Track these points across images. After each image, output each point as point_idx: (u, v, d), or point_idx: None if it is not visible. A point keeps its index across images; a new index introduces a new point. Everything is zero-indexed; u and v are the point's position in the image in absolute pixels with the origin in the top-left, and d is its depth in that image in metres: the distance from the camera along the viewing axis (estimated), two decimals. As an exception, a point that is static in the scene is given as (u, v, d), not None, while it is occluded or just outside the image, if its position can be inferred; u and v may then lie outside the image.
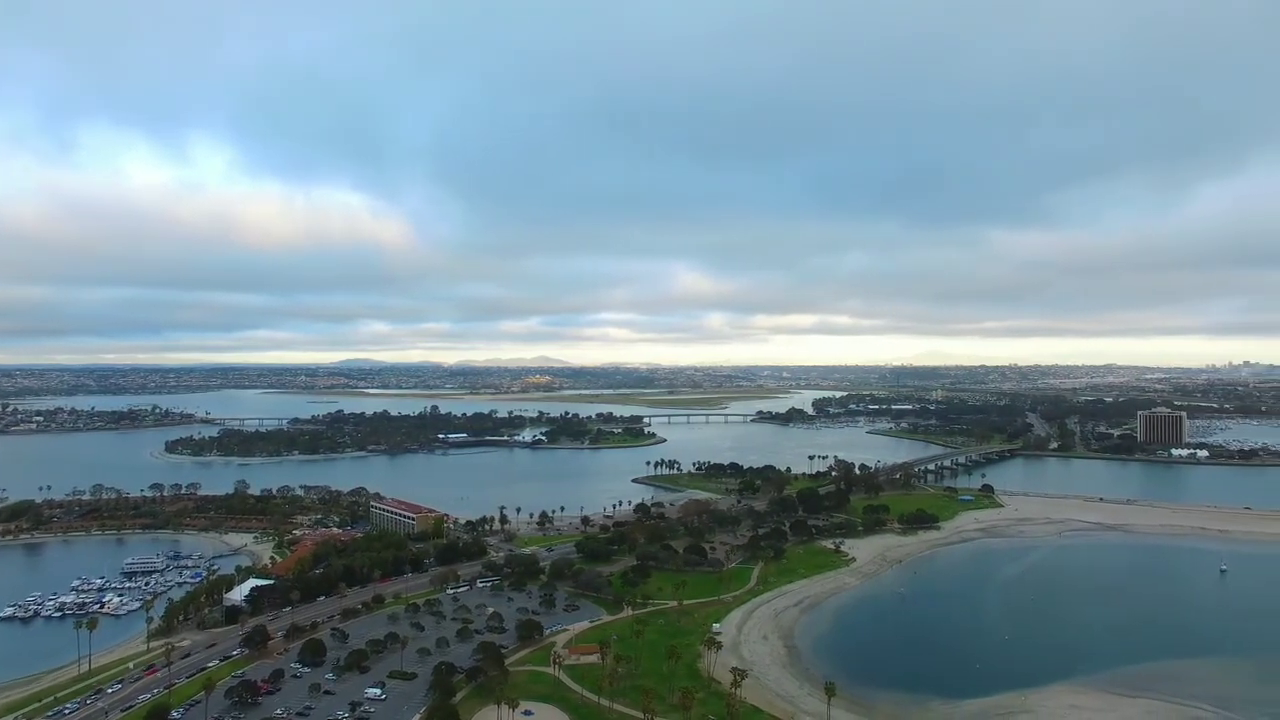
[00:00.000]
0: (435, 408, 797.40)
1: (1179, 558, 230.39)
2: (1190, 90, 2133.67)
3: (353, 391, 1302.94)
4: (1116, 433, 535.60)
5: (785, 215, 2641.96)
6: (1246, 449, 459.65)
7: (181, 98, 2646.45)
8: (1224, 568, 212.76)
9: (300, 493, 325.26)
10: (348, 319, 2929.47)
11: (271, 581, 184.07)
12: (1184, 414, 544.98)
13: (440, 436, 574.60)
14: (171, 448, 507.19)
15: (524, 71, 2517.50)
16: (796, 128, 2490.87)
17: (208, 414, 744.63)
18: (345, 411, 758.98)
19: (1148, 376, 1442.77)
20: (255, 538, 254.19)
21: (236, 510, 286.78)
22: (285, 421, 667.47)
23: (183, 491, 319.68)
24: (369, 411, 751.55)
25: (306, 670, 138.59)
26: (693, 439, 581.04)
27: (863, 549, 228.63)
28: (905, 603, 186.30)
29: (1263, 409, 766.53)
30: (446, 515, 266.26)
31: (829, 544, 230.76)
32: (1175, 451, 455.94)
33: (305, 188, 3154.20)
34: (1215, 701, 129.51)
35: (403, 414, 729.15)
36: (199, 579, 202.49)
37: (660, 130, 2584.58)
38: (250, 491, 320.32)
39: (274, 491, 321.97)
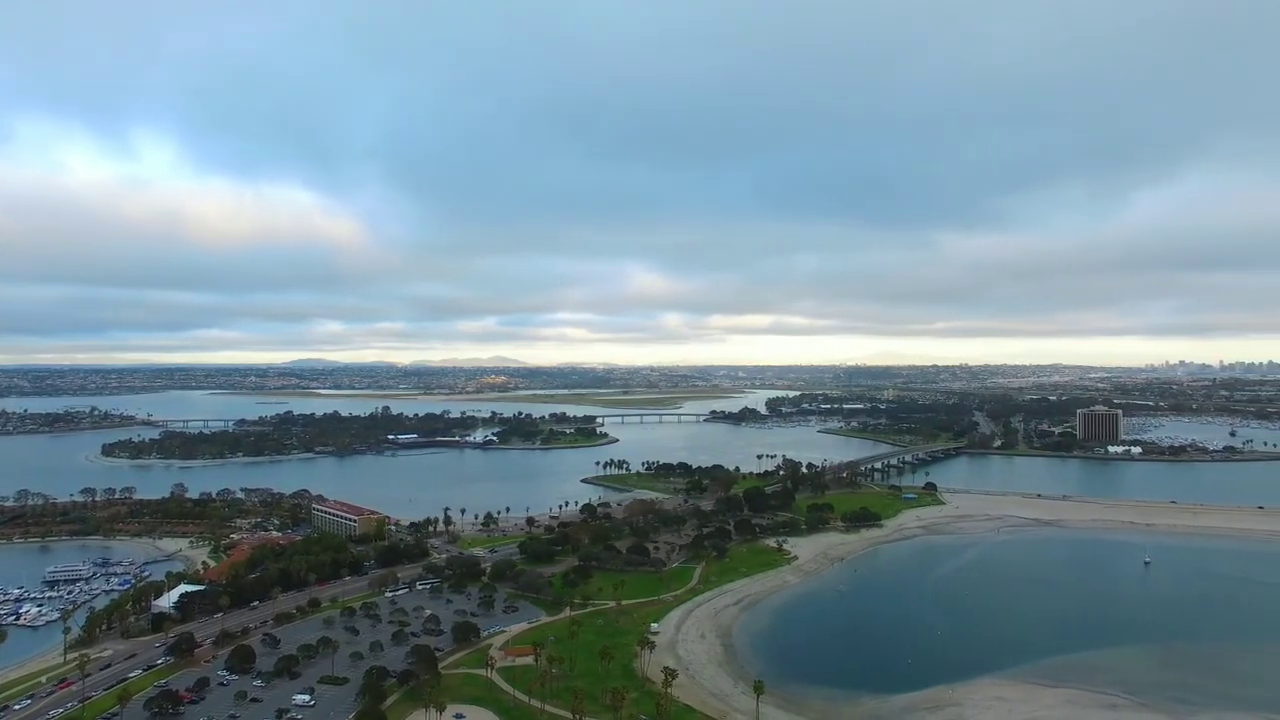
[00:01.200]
0: (387, 408, 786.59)
1: (1107, 551, 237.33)
2: (1123, 102, 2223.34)
3: (304, 392, 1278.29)
4: (1057, 430, 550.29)
5: (739, 216, 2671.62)
6: (1176, 445, 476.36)
7: (124, 91, 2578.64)
8: (1148, 560, 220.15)
9: (241, 496, 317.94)
10: (300, 318, 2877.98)
11: (203, 587, 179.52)
12: (1120, 412, 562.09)
13: (390, 437, 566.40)
14: (108, 451, 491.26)
15: (477, 70, 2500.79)
16: (749, 130, 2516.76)
17: (150, 415, 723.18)
18: (294, 412, 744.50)
19: (1091, 376, 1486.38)
20: (191, 542, 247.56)
21: (173, 515, 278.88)
22: (231, 423, 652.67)
23: (116, 496, 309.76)
24: (319, 412, 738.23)
25: (234, 678, 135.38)
26: (646, 439, 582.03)
27: (805, 547, 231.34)
28: (844, 600, 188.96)
29: (1194, 407, 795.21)
30: (389, 517, 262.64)
31: (772, 543, 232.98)
32: (1111, 448, 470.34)
33: (254, 185, 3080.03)
34: (1128, 688, 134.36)
35: (353, 415, 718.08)
36: (127, 586, 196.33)
37: (615, 130, 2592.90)
38: (188, 495, 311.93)
39: (213, 495, 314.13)
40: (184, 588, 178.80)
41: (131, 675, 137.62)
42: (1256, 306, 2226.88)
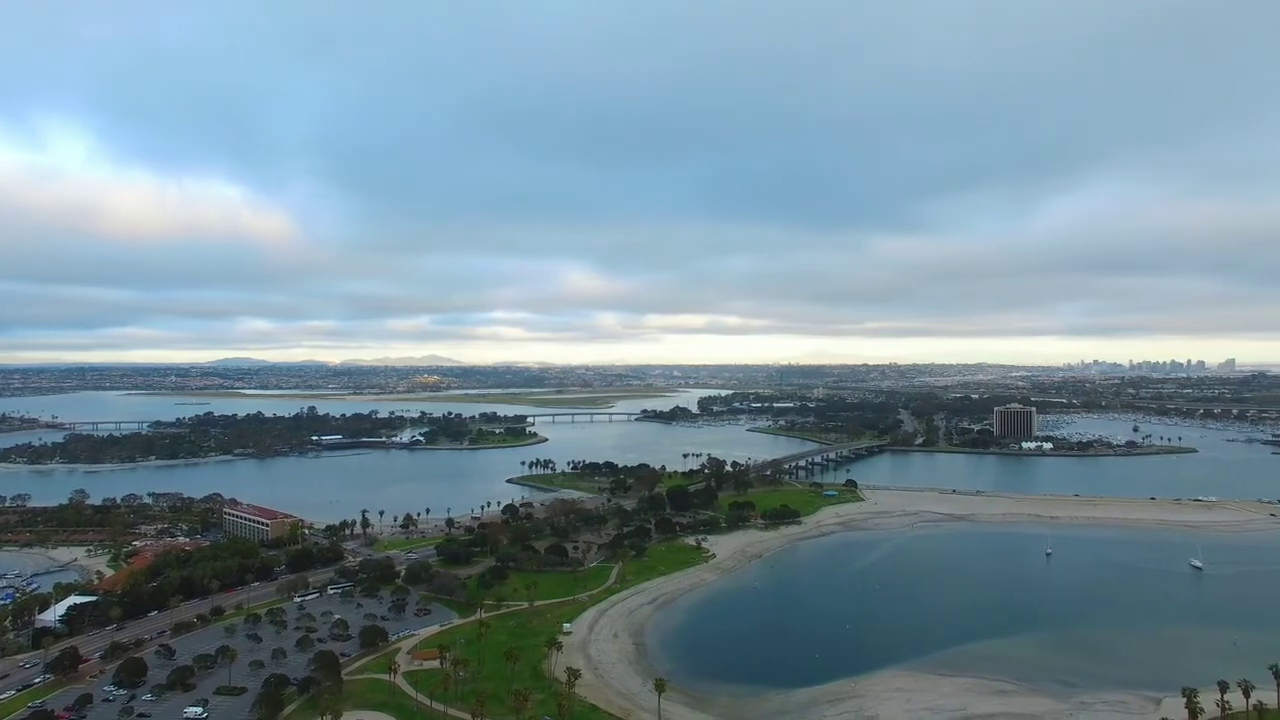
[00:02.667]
0: (313, 409, 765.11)
1: (1013, 543, 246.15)
2: (1036, 112, 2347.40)
3: (228, 392, 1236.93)
4: (976, 428, 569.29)
5: (673, 217, 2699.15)
6: (1083, 441, 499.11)
7: (32, 77, 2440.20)
8: (1049, 551, 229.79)
9: (148, 501, 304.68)
10: (225, 316, 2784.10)
11: (95, 598, 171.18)
12: (1034, 410, 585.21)
13: (314, 439, 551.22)
14: (4, 455, 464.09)
15: (413, 66, 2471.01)
16: (681, 132, 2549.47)
17: (54, 418, 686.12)
18: (215, 413, 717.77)
19: (1013, 375, 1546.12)
20: (89, 551, 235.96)
21: (70, 522, 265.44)
22: (145, 425, 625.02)
23: (7, 504, 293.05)
24: (242, 413, 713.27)
25: (121, 693, 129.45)
26: (576, 438, 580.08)
27: (725, 545, 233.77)
28: (758, 596, 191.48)
29: (1103, 404, 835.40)
30: (303, 520, 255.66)
31: (692, 541, 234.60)
32: (1025, 444, 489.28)
33: (177, 178, 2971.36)
34: (1019, 674, 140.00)
35: (278, 416, 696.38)
36: (8, 600, 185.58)
37: (551, 130, 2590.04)
38: (90, 501, 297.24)
39: (118, 500, 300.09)
40: (74, 599, 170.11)
41: (3, 696, 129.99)
42: (1162, 309, 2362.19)
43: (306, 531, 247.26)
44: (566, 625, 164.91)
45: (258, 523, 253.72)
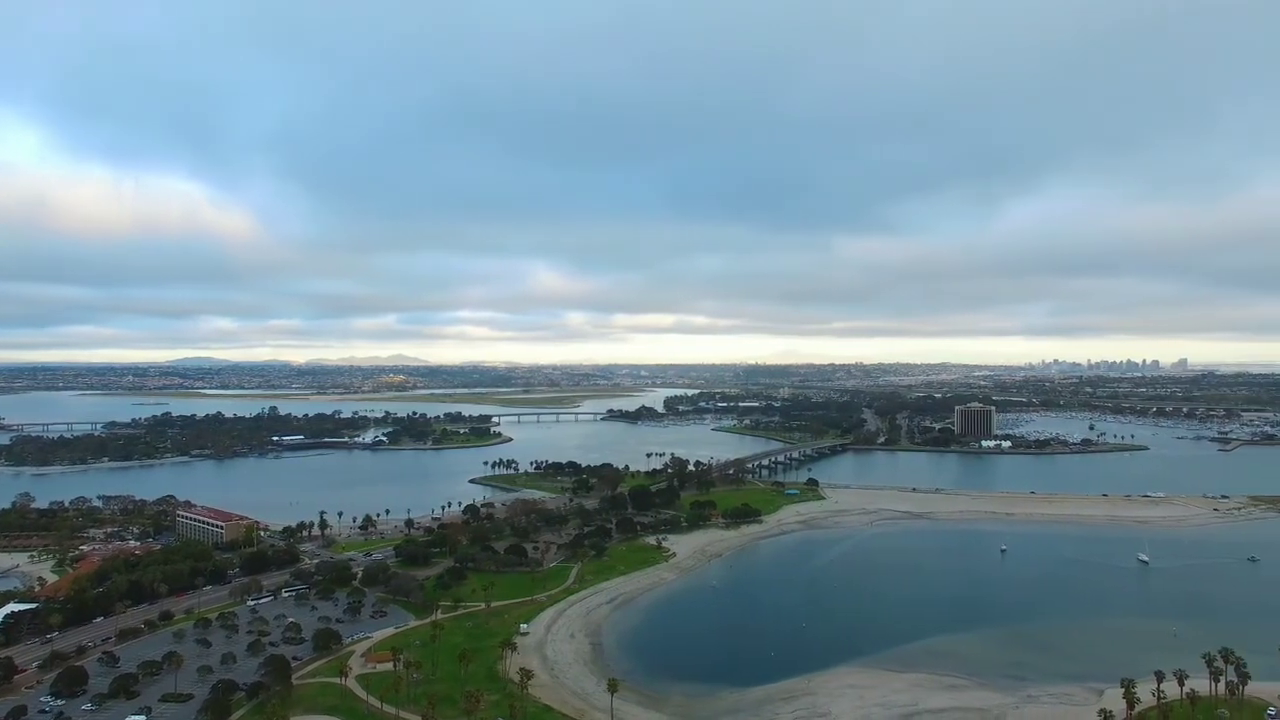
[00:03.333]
0: (274, 409, 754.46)
1: (969, 541, 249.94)
2: (993, 117, 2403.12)
3: (187, 392, 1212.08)
4: (938, 426, 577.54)
5: (641, 217, 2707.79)
6: (1041, 439, 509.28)
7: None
8: (1004, 548, 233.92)
9: (98, 504, 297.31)
10: (185, 314, 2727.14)
11: (34, 606, 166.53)
12: (994, 409, 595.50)
13: (274, 439, 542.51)
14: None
15: (378, 65, 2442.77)
16: (648, 131, 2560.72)
17: (1, 419, 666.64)
18: (173, 414, 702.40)
19: (976, 374, 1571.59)
20: (32, 557, 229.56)
21: (13, 527, 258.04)
22: (99, 426, 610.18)
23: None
24: (201, 414, 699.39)
25: (59, 703, 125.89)
26: (541, 438, 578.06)
27: (685, 544, 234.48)
28: (717, 595, 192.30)
29: (1061, 403, 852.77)
30: (259, 522, 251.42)
31: (652, 540, 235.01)
32: (985, 443, 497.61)
33: (134, 173, 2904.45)
34: (970, 670, 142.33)
35: (238, 416, 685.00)
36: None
37: (517, 129, 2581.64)
38: (36, 505, 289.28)
39: (66, 504, 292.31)
40: (12, 607, 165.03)
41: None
42: (1119, 310, 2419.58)
43: (263, 533, 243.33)
44: (524, 626, 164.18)
45: (212, 525, 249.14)
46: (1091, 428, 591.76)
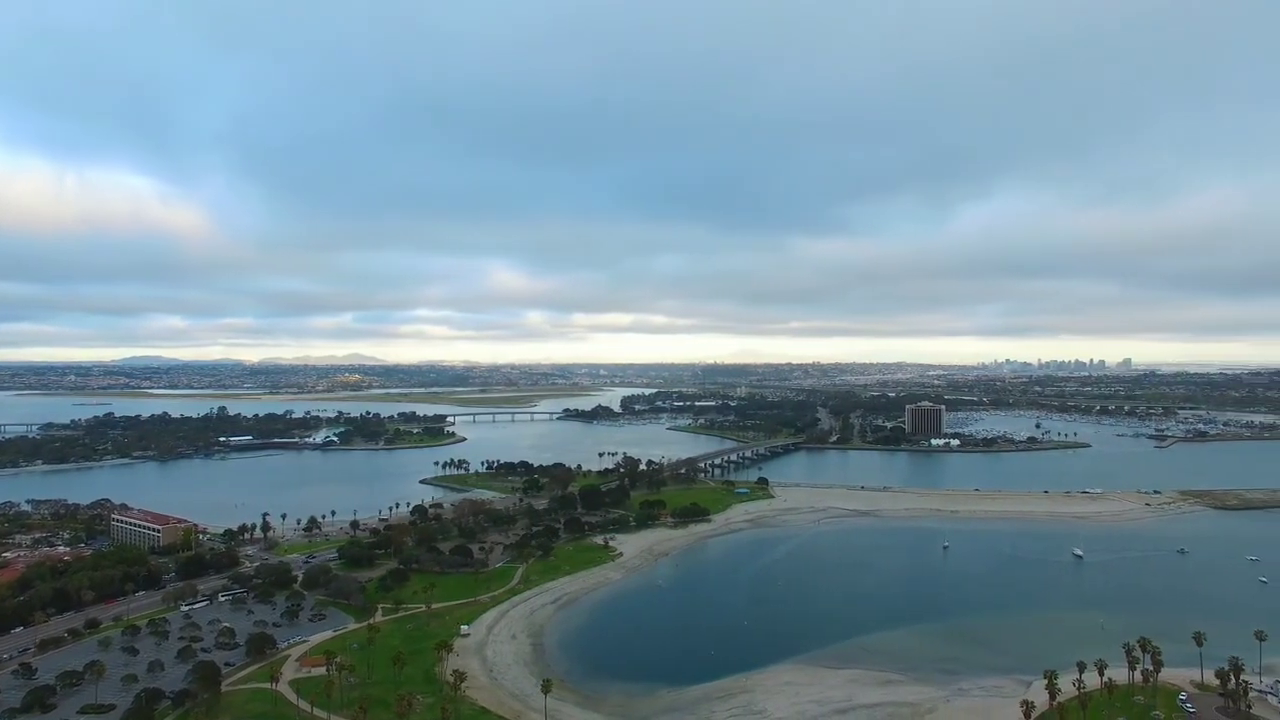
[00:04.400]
0: (223, 408, 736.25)
1: (913, 538, 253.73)
2: (944, 122, 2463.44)
3: (133, 392, 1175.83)
4: (890, 425, 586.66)
5: (600, 217, 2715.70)
6: (988, 438, 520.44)
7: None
8: (946, 545, 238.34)
9: (27, 508, 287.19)
10: (134, 312, 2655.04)
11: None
12: (943, 408, 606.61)
13: (221, 440, 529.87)
14: None
15: (334, 62, 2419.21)
16: (605, 131, 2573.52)
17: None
18: (116, 414, 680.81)
19: (930, 374, 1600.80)
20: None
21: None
22: (33, 428, 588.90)
23: None
24: (146, 414, 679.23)
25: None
26: (496, 438, 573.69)
27: (632, 544, 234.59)
28: (661, 595, 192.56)
29: (1011, 401, 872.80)
30: (197, 525, 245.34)
31: (600, 540, 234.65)
32: (934, 441, 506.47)
33: (77, 167, 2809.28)
34: (905, 665, 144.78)
35: (185, 416, 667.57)
36: None
37: (476, 128, 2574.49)
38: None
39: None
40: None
41: None
42: (1069, 311, 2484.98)
43: (202, 537, 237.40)
44: (464, 627, 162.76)
45: (148, 529, 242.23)
46: (1038, 426, 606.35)
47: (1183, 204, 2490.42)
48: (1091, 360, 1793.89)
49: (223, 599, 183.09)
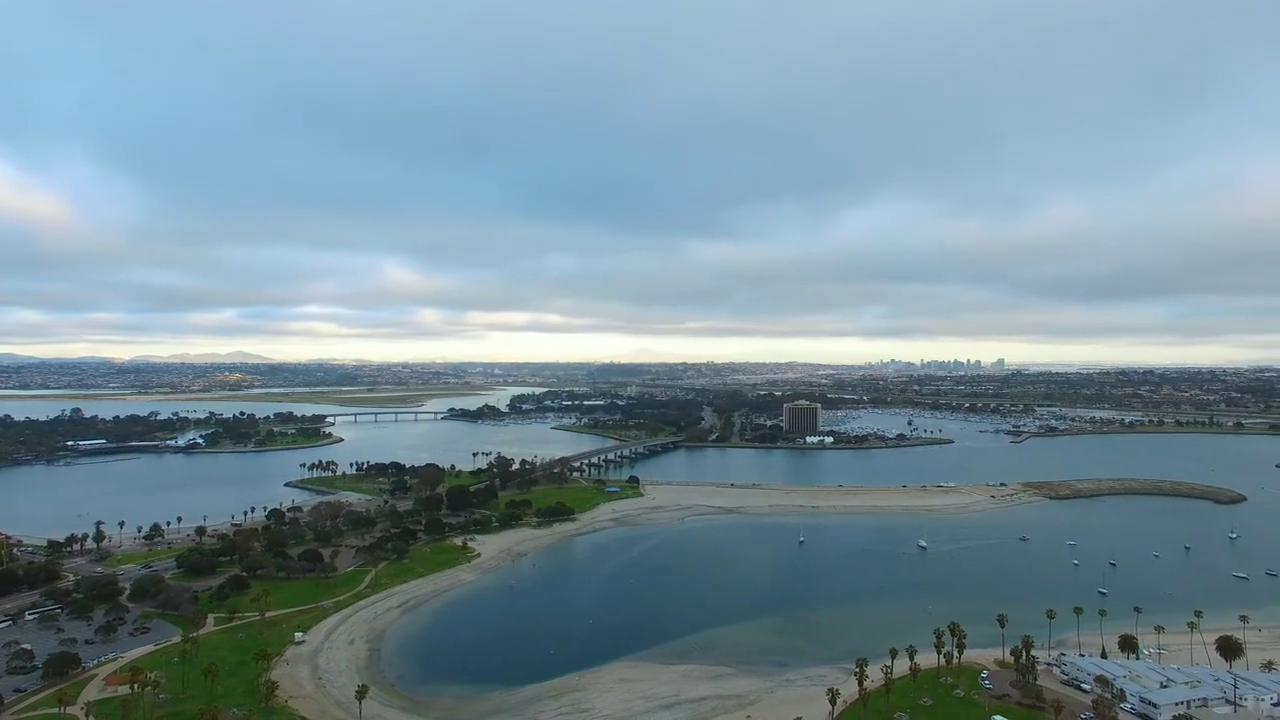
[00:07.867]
0: (77, 410, 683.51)
1: (772, 533, 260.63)
2: (821, 134, 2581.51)
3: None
4: (769, 423, 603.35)
5: (490, 216, 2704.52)
6: (861, 435, 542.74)
7: None
8: (802, 539, 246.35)
9: None
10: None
11: None
12: (819, 406, 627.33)
13: (69, 444, 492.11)
14: None
15: (209, 52, 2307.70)
16: (490, 130, 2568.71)
17: None
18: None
19: (819, 373, 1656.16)
20: None
21: None
22: None
23: None
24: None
25: None
26: (375, 438, 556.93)
27: (493, 544, 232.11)
28: (512, 596, 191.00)
29: (889, 400, 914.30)
30: (10, 537, 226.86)
31: (459, 541, 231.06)
32: (809, 439, 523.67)
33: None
34: (738, 658, 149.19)
35: (30, 419, 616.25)
36: None
37: (360, 124, 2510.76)
38: None
39: None
40: None
41: None
42: (944, 314, 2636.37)
43: (18, 550, 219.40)
44: (299, 634, 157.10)
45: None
46: (910, 423, 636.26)
47: (1031, 218, 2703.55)
48: (969, 361, 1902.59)
49: (30, 617, 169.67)
